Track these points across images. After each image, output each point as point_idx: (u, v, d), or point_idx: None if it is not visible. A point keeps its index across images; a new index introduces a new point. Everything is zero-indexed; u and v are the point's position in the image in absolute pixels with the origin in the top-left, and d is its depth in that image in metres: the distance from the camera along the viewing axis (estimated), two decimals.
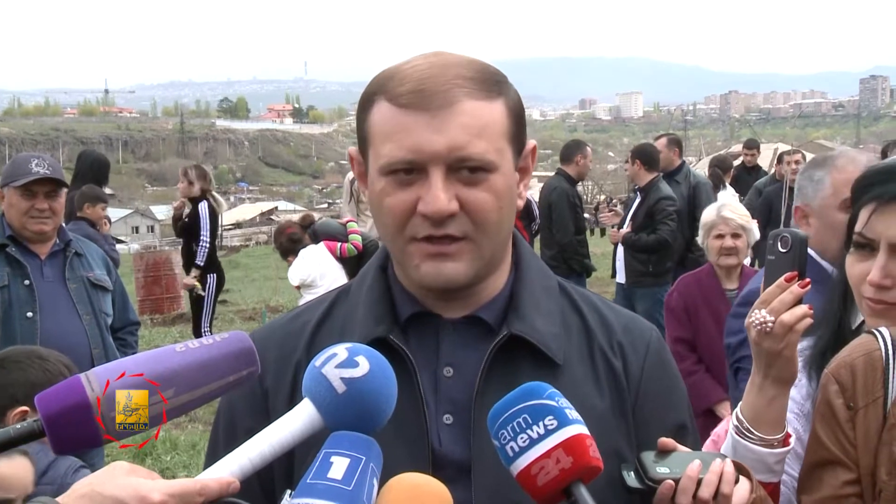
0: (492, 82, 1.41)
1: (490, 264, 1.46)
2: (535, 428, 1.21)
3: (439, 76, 1.37)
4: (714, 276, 5.18)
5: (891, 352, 1.75)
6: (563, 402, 1.24)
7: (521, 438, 1.22)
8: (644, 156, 8.40)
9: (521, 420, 1.22)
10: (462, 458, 1.40)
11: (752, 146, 12.91)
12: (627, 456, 1.46)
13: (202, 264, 9.41)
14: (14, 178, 4.26)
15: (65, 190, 4.42)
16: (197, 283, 9.32)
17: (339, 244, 8.32)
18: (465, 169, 1.37)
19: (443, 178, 1.36)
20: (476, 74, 1.39)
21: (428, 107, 1.35)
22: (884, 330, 1.78)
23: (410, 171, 1.37)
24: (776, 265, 1.74)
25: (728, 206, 5.26)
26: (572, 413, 1.24)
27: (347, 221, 8.45)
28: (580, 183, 9.95)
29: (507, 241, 1.50)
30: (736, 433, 1.75)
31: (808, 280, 1.71)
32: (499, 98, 1.41)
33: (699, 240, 5.30)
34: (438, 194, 1.35)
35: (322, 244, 8.26)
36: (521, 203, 1.49)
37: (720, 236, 5.04)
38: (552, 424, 1.21)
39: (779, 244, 1.75)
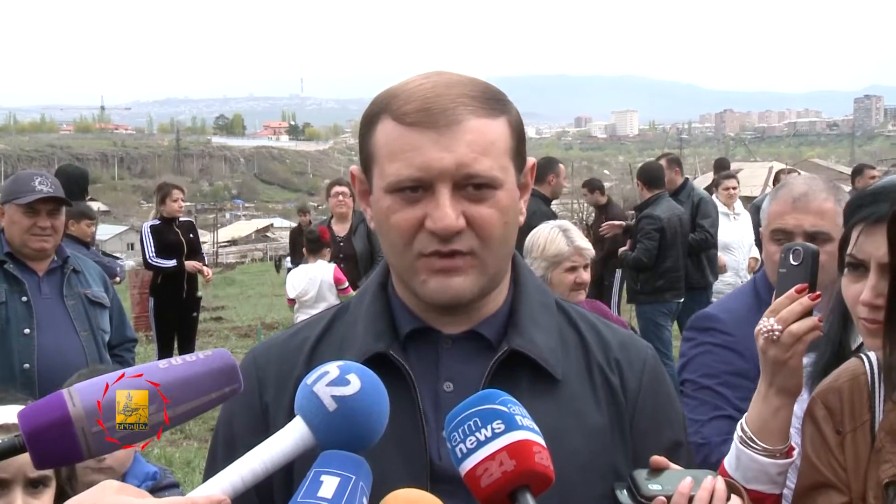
0: (494, 100, 1.43)
1: (493, 280, 1.48)
2: (483, 431, 1.21)
3: (444, 94, 1.39)
4: None
5: (877, 375, 1.74)
6: (516, 410, 1.24)
7: (470, 441, 1.22)
8: (643, 174, 8.57)
9: (471, 423, 1.22)
10: None
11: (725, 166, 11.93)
12: (624, 472, 1.47)
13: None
14: (17, 196, 4.25)
15: (65, 208, 4.42)
16: (203, 268, 9.31)
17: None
18: (471, 186, 1.39)
19: (450, 194, 1.37)
20: (479, 93, 1.42)
21: (435, 125, 1.37)
22: (871, 353, 1.78)
23: (417, 188, 1.39)
24: (788, 277, 1.80)
25: (580, 236, 4.58)
26: (524, 420, 1.24)
27: None
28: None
29: (510, 257, 1.52)
30: (740, 443, 1.78)
31: (818, 293, 1.76)
32: (501, 116, 1.43)
33: (537, 272, 4.52)
34: (447, 211, 1.37)
35: (333, 267, 8.10)
36: (522, 220, 1.51)
37: (573, 269, 4.45)
38: (499, 428, 1.21)
39: (791, 257, 1.81)
